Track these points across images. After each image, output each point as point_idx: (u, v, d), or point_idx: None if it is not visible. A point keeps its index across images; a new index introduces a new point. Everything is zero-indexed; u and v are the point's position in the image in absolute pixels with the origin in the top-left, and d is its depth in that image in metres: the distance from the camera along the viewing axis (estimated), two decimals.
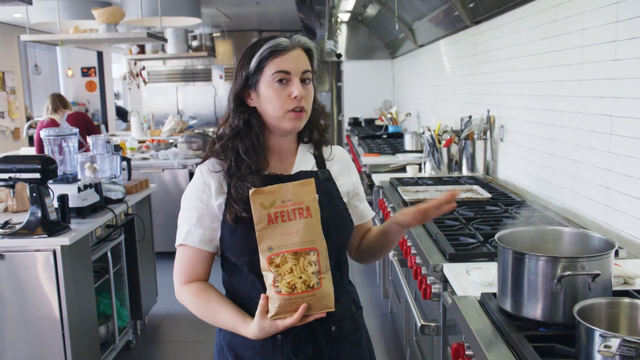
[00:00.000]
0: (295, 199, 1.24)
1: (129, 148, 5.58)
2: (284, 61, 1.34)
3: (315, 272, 1.23)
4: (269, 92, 1.35)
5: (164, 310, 4.02)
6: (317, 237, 1.24)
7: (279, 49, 1.34)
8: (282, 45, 1.34)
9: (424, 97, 5.95)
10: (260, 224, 1.24)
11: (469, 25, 3.96)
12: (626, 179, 2.04)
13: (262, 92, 1.36)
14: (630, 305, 1.19)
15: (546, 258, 1.27)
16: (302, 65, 1.36)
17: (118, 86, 13.88)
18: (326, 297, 1.25)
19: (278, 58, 1.34)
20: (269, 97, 1.35)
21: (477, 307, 1.48)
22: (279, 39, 1.36)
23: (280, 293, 1.23)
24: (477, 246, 1.97)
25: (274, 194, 1.24)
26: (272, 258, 1.23)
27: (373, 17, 7.12)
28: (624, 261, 1.82)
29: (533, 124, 2.90)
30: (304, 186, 1.25)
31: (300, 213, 1.24)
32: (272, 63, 1.34)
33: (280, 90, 1.34)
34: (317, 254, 1.23)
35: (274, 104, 1.34)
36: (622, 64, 2.05)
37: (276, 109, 1.35)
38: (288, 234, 1.23)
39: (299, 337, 1.37)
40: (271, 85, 1.34)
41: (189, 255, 1.42)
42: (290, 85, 1.34)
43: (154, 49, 8.26)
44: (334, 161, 1.51)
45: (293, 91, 1.34)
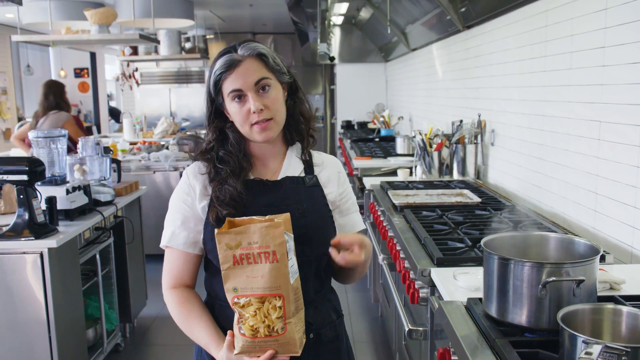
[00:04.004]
0: (262, 242, 1.19)
1: (120, 150, 5.55)
2: (235, 79, 1.34)
3: (280, 317, 1.20)
4: (232, 110, 1.38)
5: (153, 313, 4.00)
6: (283, 282, 1.19)
7: (228, 68, 1.34)
8: (230, 61, 1.34)
9: (417, 101, 5.96)
10: (226, 264, 1.21)
11: (460, 29, 3.98)
12: (614, 184, 2.04)
13: (227, 108, 1.39)
14: (613, 311, 1.19)
15: (531, 264, 1.27)
16: (254, 77, 1.35)
17: (111, 87, 13.83)
18: (290, 342, 1.22)
19: (229, 77, 1.35)
20: (233, 115, 1.38)
21: (463, 312, 1.48)
22: (227, 56, 1.36)
23: (244, 335, 1.22)
24: (465, 251, 1.97)
25: (240, 234, 1.20)
26: (237, 300, 1.21)
27: (366, 21, 7.13)
28: (611, 266, 1.82)
29: (523, 129, 2.91)
30: (272, 229, 1.19)
31: (267, 257, 1.19)
32: (225, 83, 1.36)
33: (240, 107, 1.36)
34: (282, 299, 1.19)
35: (238, 121, 1.38)
36: (610, 70, 2.06)
37: (242, 125, 1.38)
38: (253, 277, 1.20)
39: None
40: (232, 104, 1.37)
41: (174, 257, 1.44)
42: (247, 101, 1.35)
43: (147, 50, 8.24)
44: (324, 167, 1.50)
45: (250, 107, 1.35)
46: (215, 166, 1.40)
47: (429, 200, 2.77)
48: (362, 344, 3.54)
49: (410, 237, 2.22)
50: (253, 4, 7.37)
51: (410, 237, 2.23)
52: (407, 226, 2.40)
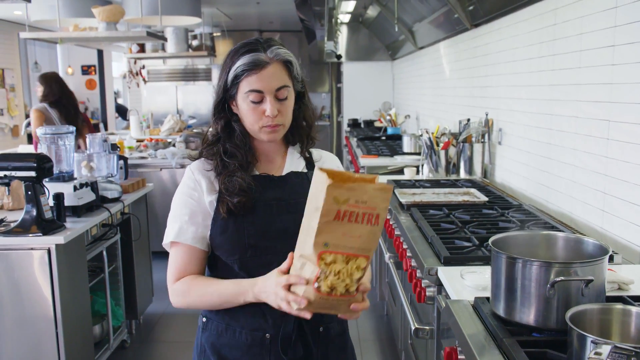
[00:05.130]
0: (370, 204, 1.15)
1: (127, 147, 5.57)
2: (258, 80, 1.34)
3: (359, 278, 1.18)
4: (244, 107, 1.37)
5: (159, 310, 4.01)
6: (373, 246, 1.18)
7: (253, 67, 1.34)
8: (258, 62, 1.34)
9: (424, 99, 5.94)
10: (326, 217, 1.13)
11: (468, 27, 3.96)
12: (622, 184, 2.03)
13: (239, 104, 1.39)
14: (622, 311, 1.18)
15: (539, 263, 1.26)
16: (277, 83, 1.35)
17: (118, 84, 13.86)
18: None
19: (252, 77, 1.34)
20: (245, 113, 1.38)
21: (470, 311, 1.47)
22: (255, 55, 1.34)
23: (319, 291, 1.17)
24: (472, 250, 1.96)
25: (352, 191, 1.14)
26: (324, 255, 1.16)
27: (373, 19, 7.11)
28: (619, 266, 1.81)
29: (531, 128, 2.89)
30: (384, 192, 1.15)
31: (369, 219, 1.16)
32: (246, 81, 1.35)
33: (255, 108, 1.36)
34: (367, 262, 1.18)
35: (249, 120, 1.38)
36: (619, 69, 2.04)
37: (252, 124, 1.38)
38: (350, 236, 1.15)
39: (288, 336, 1.38)
40: (246, 102, 1.36)
41: (182, 253, 1.41)
42: (264, 103, 1.36)
43: (154, 47, 8.26)
44: (323, 163, 1.53)
45: (266, 110, 1.35)
46: (222, 160, 1.40)
47: (435, 199, 2.77)
48: (368, 342, 3.54)
49: (417, 236, 2.21)
50: (260, 1, 7.36)
51: (417, 235, 2.22)
52: (414, 225, 2.39)
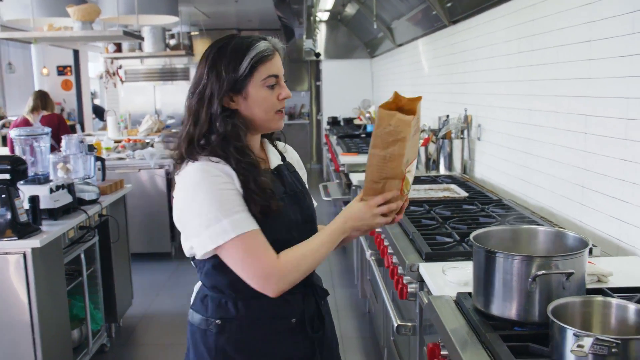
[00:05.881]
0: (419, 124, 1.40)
1: (105, 148, 5.49)
2: (273, 65, 1.38)
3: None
4: (260, 95, 1.37)
5: (139, 313, 3.96)
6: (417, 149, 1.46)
7: (269, 54, 1.37)
8: (270, 49, 1.38)
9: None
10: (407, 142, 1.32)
11: (446, 24, 3.97)
12: (601, 177, 2.05)
13: (251, 95, 1.37)
14: (603, 303, 1.18)
15: (521, 257, 1.26)
16: (282, 69, 1.42)
17: (95, 85, 13.67)
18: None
19: (268, 62, 1.37)
20: (260, 100, 1.37)
21: (452, 307, 1.47)
22: (266, 42, 1.39)
23: (404, 194, 1.39)
24: (454, 245, 1.96)
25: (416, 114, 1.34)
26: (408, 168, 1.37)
27: (352, 17, 7.11)
28: (598, 259, 1.83)
29: (510, 123, 2.91)
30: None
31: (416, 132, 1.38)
32: (263, 67, 1.36)
33: (272, 94, 1.38)
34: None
35: (265, 107, 1.38)
36: (596, 64, 2.06)
37: (267, 111, 1.39)
38: (412, 147, 1.38)
39: (310, 314, 1.46)
40: (262, 89, 1.37)
41: (258, 238, 1.31)
42: (278, 87, 1.39)
43: (131, 47, 8.17)
44: (288, 154, 1.59)
45: (282, 93, 1.39)
46: (238, 159, 1.34)
47: (416, 195, 2.77)
48: (350, 339, 3.53)
49: (398, 232, 2.21)
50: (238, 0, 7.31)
51: (398, 232, 2.22)
52: None
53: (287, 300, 1.41)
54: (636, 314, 1.13)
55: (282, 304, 1.40)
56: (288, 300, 1.41)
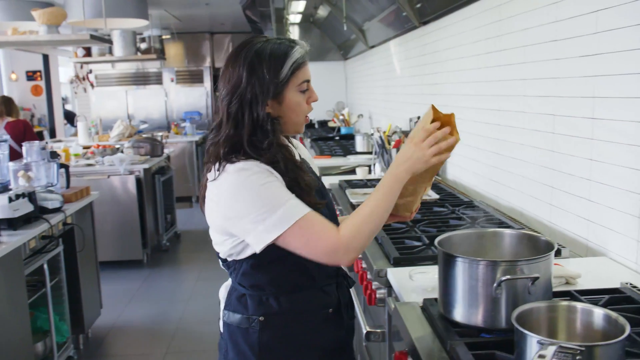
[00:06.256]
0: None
1: (73, 154, 5.37)
2: (307, 70, 1.41)
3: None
4: (295, 100, 1.40)
5: (109, 323, 3.87)
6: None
7: (305, 59, 1.40)
8: (305, 54, 1.41)
9: (376, 98, 5.94)
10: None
11: (417, 25, 3.96)
12: (569, 177, 2.04)
13: (288, 99, 1.39)
14: (568, 308, 1.16)
15: (486, 262, 1.23)
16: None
17: (66, 90, 13.44)
18: None
19: (305, 67, 1.40)
20: (294, 105, 1.40)
21: (418, 313, 1.43)
22: (299, 49, 1.39)
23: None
24: (423, 249, 1.93)
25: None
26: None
27: (324, 19, 7.08)
28: (567, 260, 1.81)
29: (480, 124, 2.90)
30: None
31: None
32: (300, 72, 1.39)
33: (305, 98, 1.42)
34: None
35: (299, 111, 1.42)
36: (562, 63, 2.05)
37: (299, 116, 1.42)
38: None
39: (345, 302, 1.53)
40: (297, 94, 1.40)
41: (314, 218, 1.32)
42: (310, 92, 1.43)
43: (101, 51, 8.03)
44: (299, 150, 1.59)
45: (312, 97, 1.43)
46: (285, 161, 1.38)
47: None
48: None
49: None
50: (209, 2, 7.24)
51: None
52: None
53: (325, 291, 1.48)
54: (601, 319, 1.11)
55: (321, 294, 1.47)
56: (325, 291, 1.48)
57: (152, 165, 5.31)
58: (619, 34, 1.71)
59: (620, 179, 1.73)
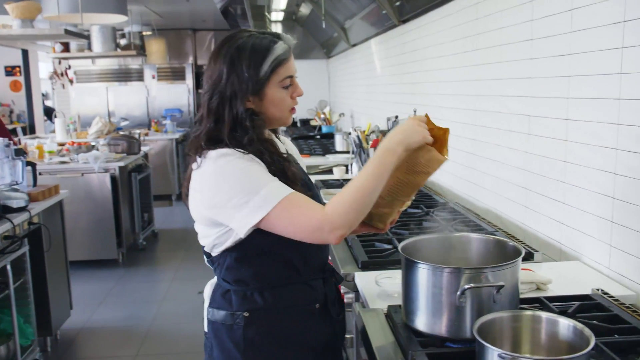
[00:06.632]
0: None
1: (47, 151, 5.25)
2: (290, 66, 1.39)
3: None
4: (277, 96, 1.38)
5: (78, 324, 3.77)
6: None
7: (288, 54, 1.38)
8: (288, 49, 1.38)
9: (357, 97, 5.89)
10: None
11: (396, 24, 3.91)
12: (542, 179, 1.99)
13: (270, 95, 1.37)
14: (532, 318, 1.10)
15: (450, 269, 1.18)
16: (295, 67, 1.42)
17: (46, 86, 13.23)
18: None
19: (287, 63, 1.38)
20: (277, 101, 1.38)
21: (382, 321, 1.37)
22: (281, 45, 1.37)
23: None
24: (392, 253, 1.87)
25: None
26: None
27: (307, 17, 7.00)
28: (540, 265, 1.76)
29: (457, 124, 2.85)
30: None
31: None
32: (283, 69, 1.37)
33: (287, 93, 1.39)
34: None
35: (282, 106, 1.39)
36: (537, 63, 2.00)
37: (283, 111, 1.40)
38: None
39: (332, 298, 1.48)
40: (279, 89, 1.38)
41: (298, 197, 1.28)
42: (294, 86, 1.40)
43: (80, 47, 7.90)
44: (286, 145, 1.57)
45: (298, 92, 1.41)
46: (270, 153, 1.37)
47: None
48: None
49: None
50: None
51: None
52: None
53: (311, 286, 1.44)
54: (567, 329, 1.06)
55: (307, 289, 1.43)
56: (311, 286, 1.44)
57: (129, 163, 5.21)
58: (593, 34, 1.67)
59: (593, 181, 1.69)
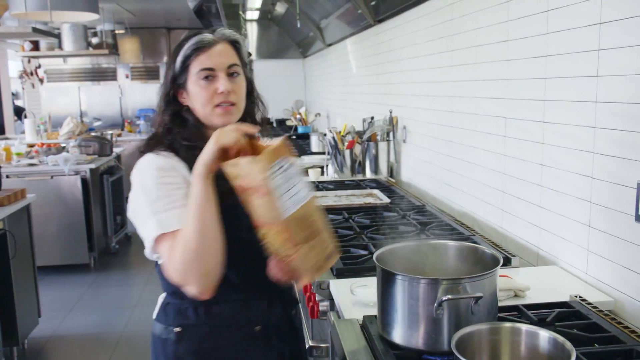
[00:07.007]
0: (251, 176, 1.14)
1: (15, 153, 5.10)
2: (208, 57, 1.32)
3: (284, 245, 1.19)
4: (195, 89, 1.33)
5: (47, 333, 3.66)
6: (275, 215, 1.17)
7: (202, 46, 1.32)
8: (205, 41, 1.33)
9: (333, 97, 5.85)
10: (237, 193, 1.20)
11: (372, 23, 3.87)
12: (519, 182, 1.97)
13: (190, 90, 1.35)
14: (512, 330, 1.07)
15: (426, 281, 1.13)
16: (227, 60, 1.34)
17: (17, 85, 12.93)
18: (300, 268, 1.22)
19: (202, 55, 1.32)
20: (196, 95, 1.34)
21: (357, 332, 1.33)
22: (202, 35, 1.34)
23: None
24: (368, 259, 1.82)
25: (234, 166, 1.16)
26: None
27: (282, 16, 6.94)
28: (517, 270, 1.74)
29: (433, 125, 2.82)
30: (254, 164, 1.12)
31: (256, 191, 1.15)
32: (196, 61, 1.32)
33: (207, 87, 1.33)
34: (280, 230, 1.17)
35: (201, 101, 1.33)
36: (513, 64, 1.98)
37: (204, 106, 1.33)
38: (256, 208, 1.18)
39: (276, 322, 1.40)
40: (197, 83, 1.33)
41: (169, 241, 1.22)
42: (215, 81, 1.33)
43: (50, 45, 7.72)
44: None
45: (219, 87, 1.32)
46: (186, 147, 1.32)
47: (337, 202, 2.63)
48: None
49: None
50: None
51: None
52: None
53: (251, 306, 1.37)
54: (547, 342, 1.02)
55: (245, 309, 1.36)
56: (251, 306, 1.37)
57: (100, 165, 5.09)
58: (569, 36, 1.64)
59: (570, 185, 1.66)
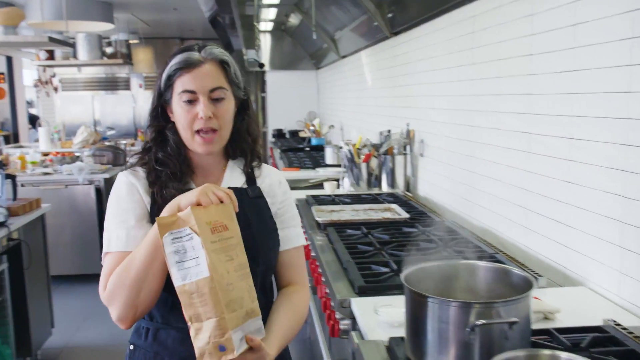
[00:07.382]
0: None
1: (30, 162, 5.11)
2: (191, 79, 1.26)
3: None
4: (178, 110, 1.29)
5: (60, 343, 3.64)
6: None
7: (186, 66, 1.26)
8: (190, 60, 1.27)
9: (347, 109, 5.82)
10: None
11: (388, 36, 3.85)
12: (542, 199, 1.92)
13: (174, 109, 1.30)
14: (551, 358, 1.03)
15: (458, 304, 1.10)
16: (211, 83, 1.27)
17: (31, 93, 13.04)
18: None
19: (185, 75, 1.26)
20: (178, 116, 1.29)
21: (383, 354, 1.29)
22: (189, 53, 1.28)
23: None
24: (390, 277, 1.79)
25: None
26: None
27: (296, 27, 6.95)
28: (544, 291, 1.69)
29: (452, 139, 2.78)
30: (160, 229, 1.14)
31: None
32: (179, 81, 1.27)
33: (188, 110, 1.27)
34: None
35: (183, 124, 1.28)
36: (537, 79, 1.94)
37: (184, 129, 1.28)
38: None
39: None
40: (179, 104, 1.28)
41: (112, 261, 1.26)
42: (197, 104, 1.26)
43: (65, 55, 7.77)
44: (264, 177, 1.42)
45: (198, 112, 1.26)
46: (155, 168, 1.30)
47: (355, 216, 2.60)
48: None
49: (332, 260, 2.02)
50: (177, 7, 7.05)
51: (332, 260, 2.03)
52: (330, 247, 2.20)
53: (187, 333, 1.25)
54: None
55: (182, 339, 1.26)
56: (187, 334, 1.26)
57: (114, 174, 5.09)
58: (599, 50, 1.61)
59: (600, 204, 1.62)
